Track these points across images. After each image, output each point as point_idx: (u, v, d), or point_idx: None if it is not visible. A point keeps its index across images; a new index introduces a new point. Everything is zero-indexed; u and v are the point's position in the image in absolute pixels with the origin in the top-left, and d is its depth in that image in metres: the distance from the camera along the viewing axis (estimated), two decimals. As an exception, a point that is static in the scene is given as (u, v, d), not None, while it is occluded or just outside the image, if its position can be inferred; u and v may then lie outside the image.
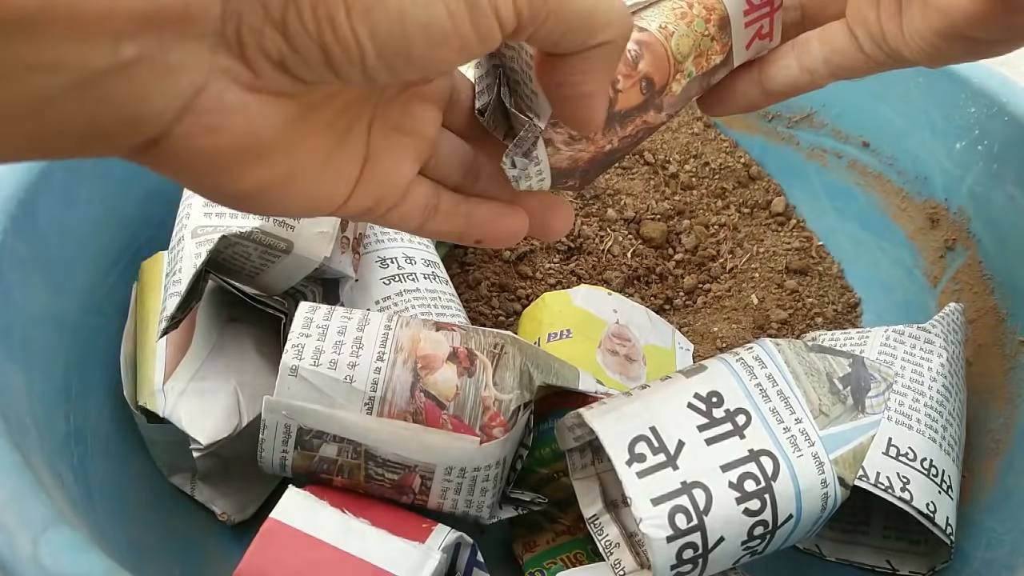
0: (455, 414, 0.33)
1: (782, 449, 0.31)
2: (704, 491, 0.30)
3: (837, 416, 0.33)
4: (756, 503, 0.30)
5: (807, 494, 0.31)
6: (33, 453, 0.31)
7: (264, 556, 0.31)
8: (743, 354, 0.34)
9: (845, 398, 0.33)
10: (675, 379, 0.33)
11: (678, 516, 0.29)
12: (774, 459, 0.31)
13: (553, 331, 0.42)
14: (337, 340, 0.33)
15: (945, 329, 0.41)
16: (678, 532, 0.29)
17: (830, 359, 0.34)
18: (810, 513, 0.31)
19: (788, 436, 0.31)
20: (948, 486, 0.37)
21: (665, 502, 0.29)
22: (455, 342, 0.34)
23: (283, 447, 0.33)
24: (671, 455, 0.30)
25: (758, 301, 0.51)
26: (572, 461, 0.35)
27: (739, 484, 0.30)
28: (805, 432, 0.32)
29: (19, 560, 0.26)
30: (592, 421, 0.31)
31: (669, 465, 0.30)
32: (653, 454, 0.30)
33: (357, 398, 0.32)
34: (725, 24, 0.32)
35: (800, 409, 0.32)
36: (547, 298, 0.43)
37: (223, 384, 0.38)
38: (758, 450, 0.31)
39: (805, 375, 0.33)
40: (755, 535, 0.30)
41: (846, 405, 0.33)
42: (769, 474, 0.30)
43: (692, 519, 0.29)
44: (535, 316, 0.43)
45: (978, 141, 0.46)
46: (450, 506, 0.35)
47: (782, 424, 0.32)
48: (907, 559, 0.40)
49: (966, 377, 0.42)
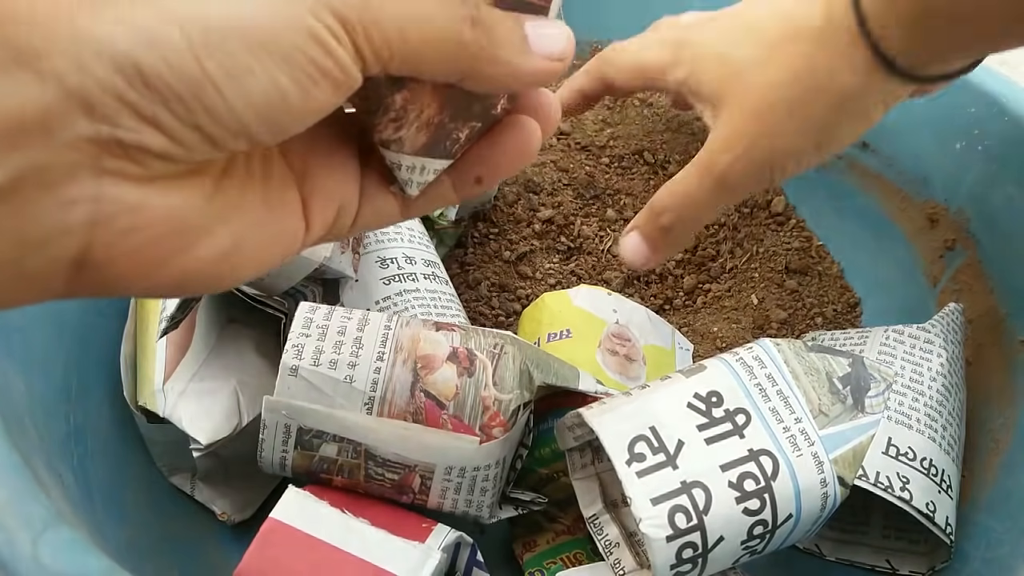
0: (455, 414, 0.33)
1: (782, 449, 0.31)
2: (704, 491, 0.30)
3: (837, 416, 0.33)
4: (756, 503, 0.30)
5: (807, 494, 0.31)
6: (33, 453, 0.31)
7: (264, 556, 0.31)
8: (743, 354, 0.34)
9: (845, 398, 0.33)
10: (675, 379, 0.33)
11: (678, 516, 0.29)
12: (774, 459, 0.31)
13: (553, 331, 0.41)
14: (337, 340, 0.33)
15: (944, 329, 0.41)
16: (678, 532, 0.29)
17: (830, 359, 0.34)
18: (810, 512, 0.31)
19: (788, 436, 0.31)
20: (948, 486, 0.37)
21: (665, 502, 0.29)
22: (455, 342, 0.34)
23: (283, 447, 0.33)
24: (671, 455, 0.30)
25: (758, 301, 0.51)
26: (572, 461, 0.35)
27: (739, 484, 0.30)
28: (805, 432, 0.32)
29: (19, 560, 0.26)
30: (592, 420, 0.32)
31: (669, 465, 0.30)
32: (653, 454, 0.30)
33: (357, 398, 0.32)
34: None
35: (800, 409, 0.32)
36: (547, 298, 0.43)
37: (223, 384, 0.38)
38: (758, 450, 0.31)
39: (805, 375, 0.33)
40: (755, 534, 0.30)
41: (846, 405, 0.33)
42: (769, 474, 0.30)
43: (692, 519, 0.29)
44: (535, 316, 0.43)
45: (978, 141, 0.46)
46: (450, 506, 0.35)
47: (782, 424, 0.32)
48: (907, 559, 0.40)
49: (966, 377, 0.42)
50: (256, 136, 0.20)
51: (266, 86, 0.19)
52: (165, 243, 0.19)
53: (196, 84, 0.18)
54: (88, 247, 0.18)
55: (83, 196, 0.18)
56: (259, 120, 0.19)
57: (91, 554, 0.26)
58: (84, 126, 0.17)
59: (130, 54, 0.17)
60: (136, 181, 0.18)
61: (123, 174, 0.18)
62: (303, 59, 0.19)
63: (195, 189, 0.20)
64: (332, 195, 0.24)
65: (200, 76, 0.18)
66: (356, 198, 0.25)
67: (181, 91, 0.18)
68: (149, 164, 0.18)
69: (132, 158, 0.18)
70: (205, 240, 0.20)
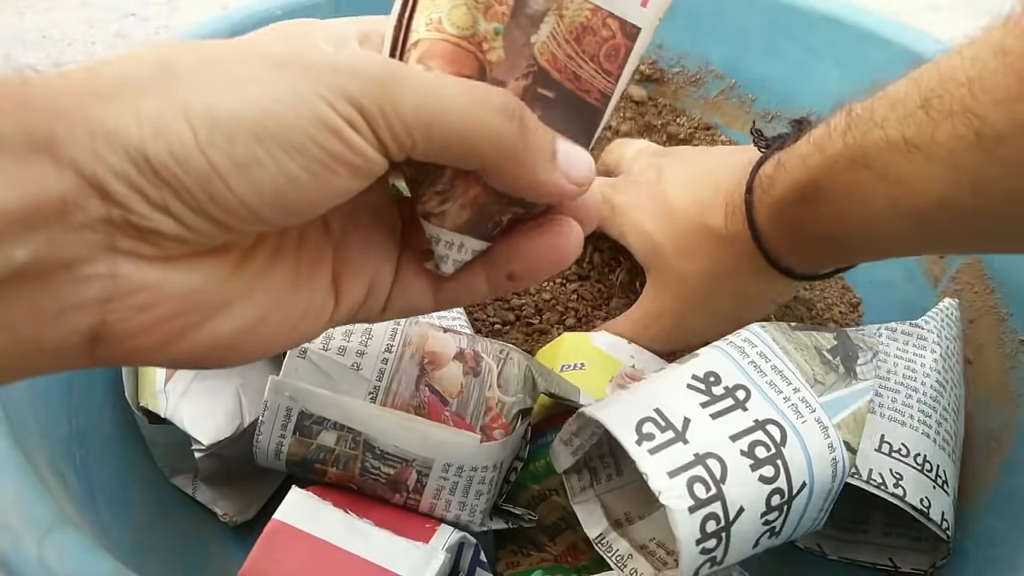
0: (457, 411, 0.33)
1: (786, 417, 0.31)
2: (718, 460, 0.29)
3: (832, 384, 0.33)
4: (770, 469, 0.30)
5: (817, 460, 0.31)
6: (37, 454, 0.31)
7: (268, 557, 0.31)
8: (732, 339, 0.34)
9: (837, 367, 0.34)
10: (670, 368, 0.34)
11: (696, 486, 0.29)
12: (780, 427, 0.31)
13: (567, 363, 0.41)
14: (347, 329, 0.33)
15: (939, 325, 0.41)
16: (699, 502, 0.29)
17: (815, 334, 0.35)
18: (822, 481, 0.31)
19: (789, 405, 0.32)
20: (943, 481, 0.37)
21: (681, 473, 0.29)
22: (462, 344, 0.34)
23: (281, 431, 0.33)
24: (679, 431, 0.30)
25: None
26: (571, 485, 0.34)
27: (751, 451, 0.30)
28: (805, 400, 0.32)
29: (24, 561, 0.26)
30: (595, 413, 0.31)
31: (679, 440, 0.30)
32: (661, 432, 0.30)
33: (362, 386, 0.33)
34: None
35: (796, 380, 0.33)
36: (566, 337, 0.43)
37: (225, 385, 0.38)
38: (763, 419, 0.31)
39: (795, 350, 0.34)
40: (773, 505, 0.30)
41: (839, 373, 0.33)
42: (778, 440, 0.30)
43: (711, 488, 0.29)
44: (552, 351, 0.43)
45: (978, 141, 0.46)
46: (442, 508, 0.34)
47: (781, 394, 0.32)
48: (909, 556, 0.40)
49: (965, 374, 0.42)
50: (272, 221, 0.20)
51: (275, 176, 0.19)
52: (181, 319, 0.20)
53: (202, 176, 0.18)
54: (103, 323, 0.19)
55: (98, 274, 0.18)
56: (271, 208, 0.19)
57: (96, 555, 0.26)
58: (99, 209, 0.18)
59: (140, 146, 0.18)
60: (151, 260, 0.19)
61: (137, 254, 0.19)
62: (315, 148, 0.19)
63: (215, 266, 0.20)
64: (366, 266, 0.24)
65: (206, 168, 0.18)
66: (390, 277, 0.25)
67: (188, 183, 0.18)
68: (163, 245, 0.19)
69: (146, 240, 0.19)
70: (224, 315, 0.20)
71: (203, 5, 0.94)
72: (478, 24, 0.24)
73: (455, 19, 0.23)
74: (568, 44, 0.24)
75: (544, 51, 0.24)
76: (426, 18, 0.23)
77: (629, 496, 0.35)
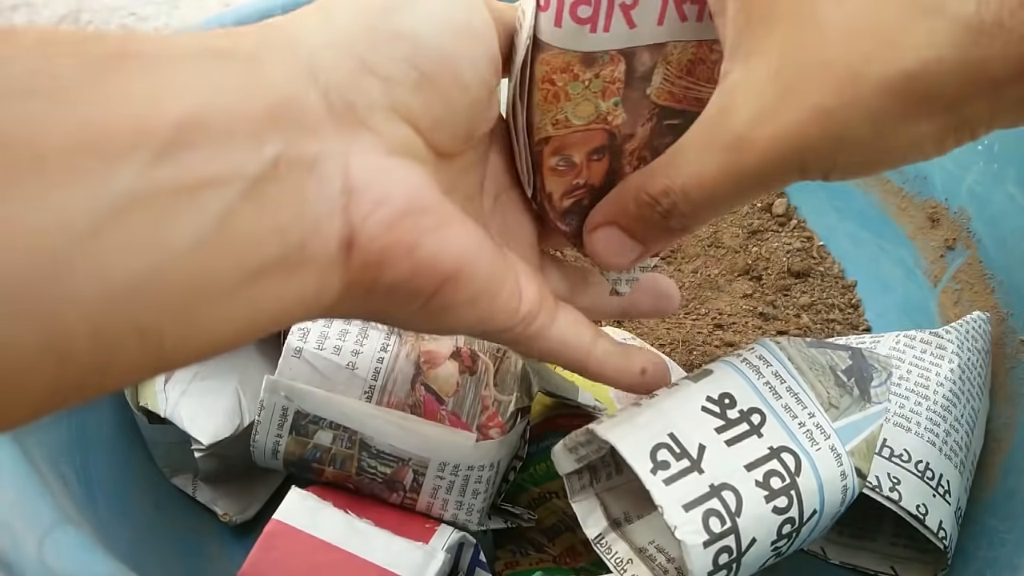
0: (453, 410, 0.33)
1: (800, 444, 0.31)
2: (733, 492, 0.29)
3: (847, 408, 0.33)
4: (784, 500, 0.30)
5: (829, 487, 0.31)
6: (37, 454, 0.31)
7: (268, 557, 0.31)
8: (746, 354, 0.34)
9: (851, 388, 0.33)
10: (683, 385, 0.33)
11: (711, 520, 0.29)
12: (795, 455, 0.31)
13: None
14: (343, 328, 0.34)
15: (961, 336, 0.41)
16: (714, 536, 0.28)
17: (830, 352, 0.34)
18: (831, 507, 0.31)
19: (804, 431, 0.31)
20: (945, 491, 0.37)
21: (697, 507, 0.29)
22: (459, 342, 0.34)
23: (278, 431, 0.33)
24: (694, 459, 0.30)
25: (759, 301, 0.51)
26: (570, 484, 0.34)
27: (766, 482, 0.30)
28: (820, 426, 0.32)
29: (25, 561, 0.26)
30: (606, 434, 0.31)
31: (695, 469, 0.30)
32: (676, 460, 0.30)
33: (358, 385, 0.33)
34: (589, 59, 0.25)
35: (811, 403, 0.32)
36: None
37: (225, 384, 0.38)
38: (778, 447, 0.31)
39: (810, 370, 0.33)
40: (783, 534, 0.30)
41: (853, 396, 0.33)
42: (792, 470, 0.30)
43: (726, 522, 0.29)
44: None
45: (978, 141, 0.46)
46: (439, 507, 0.34)
47: (796, 420, 0.32)
48: (912, 566, 0.40)
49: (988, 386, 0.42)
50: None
51: None
52: (413, 218, 0.21)
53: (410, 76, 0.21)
54: (350, 224, 0.20)
55: (336, 169, 0.20)
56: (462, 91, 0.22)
57: (96, 555, 0.26)
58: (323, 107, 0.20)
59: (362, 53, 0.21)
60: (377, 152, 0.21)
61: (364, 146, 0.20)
62: None
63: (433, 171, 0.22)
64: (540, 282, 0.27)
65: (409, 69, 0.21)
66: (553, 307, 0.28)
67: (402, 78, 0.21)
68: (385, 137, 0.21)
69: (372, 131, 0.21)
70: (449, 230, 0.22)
71: (203, 5, 0.94)
72: (599, 107, 0.26)
73: (580, 113, 0.26)
74: (682, 79, 0.27)
75: (661, 94, 0.27)
76: (551, 119, 0.26)
77: (627, 495, 0.34)
